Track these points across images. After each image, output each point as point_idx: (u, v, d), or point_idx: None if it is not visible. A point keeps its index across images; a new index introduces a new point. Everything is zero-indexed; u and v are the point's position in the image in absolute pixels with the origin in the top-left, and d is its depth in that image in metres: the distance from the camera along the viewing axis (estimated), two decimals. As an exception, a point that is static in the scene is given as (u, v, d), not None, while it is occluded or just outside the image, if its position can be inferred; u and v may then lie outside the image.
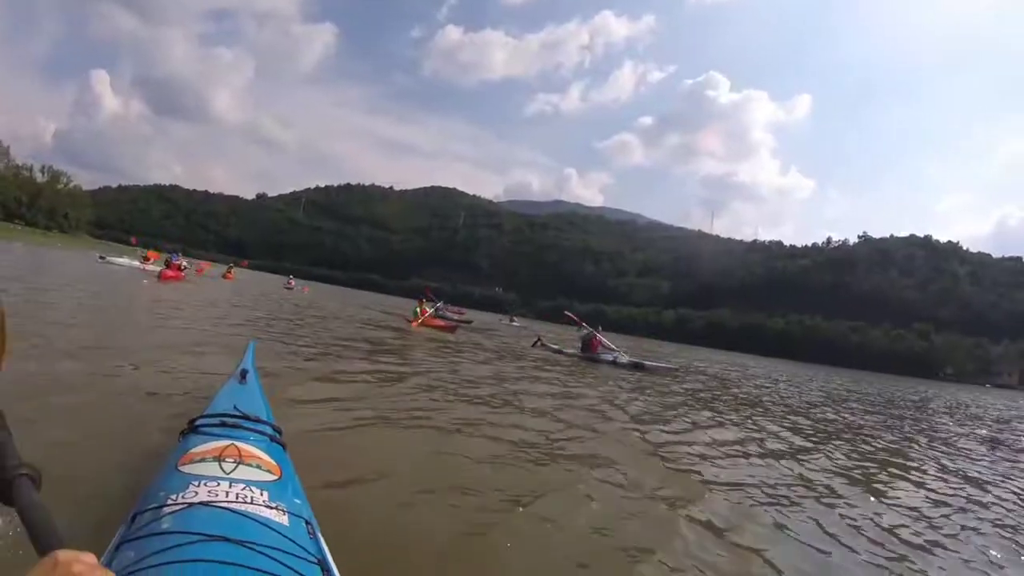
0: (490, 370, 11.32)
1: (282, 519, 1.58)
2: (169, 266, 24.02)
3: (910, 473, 6.82)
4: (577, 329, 19.29)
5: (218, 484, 1.65)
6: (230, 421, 2.25)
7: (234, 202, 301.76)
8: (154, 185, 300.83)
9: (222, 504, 1.54)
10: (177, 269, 24.08)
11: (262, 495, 1.65)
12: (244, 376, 3.29)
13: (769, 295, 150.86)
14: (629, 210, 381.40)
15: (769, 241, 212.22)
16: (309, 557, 1.47)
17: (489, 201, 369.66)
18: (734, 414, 9.91)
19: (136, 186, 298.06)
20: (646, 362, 16.53)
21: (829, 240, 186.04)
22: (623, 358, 16.42)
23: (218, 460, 1.82)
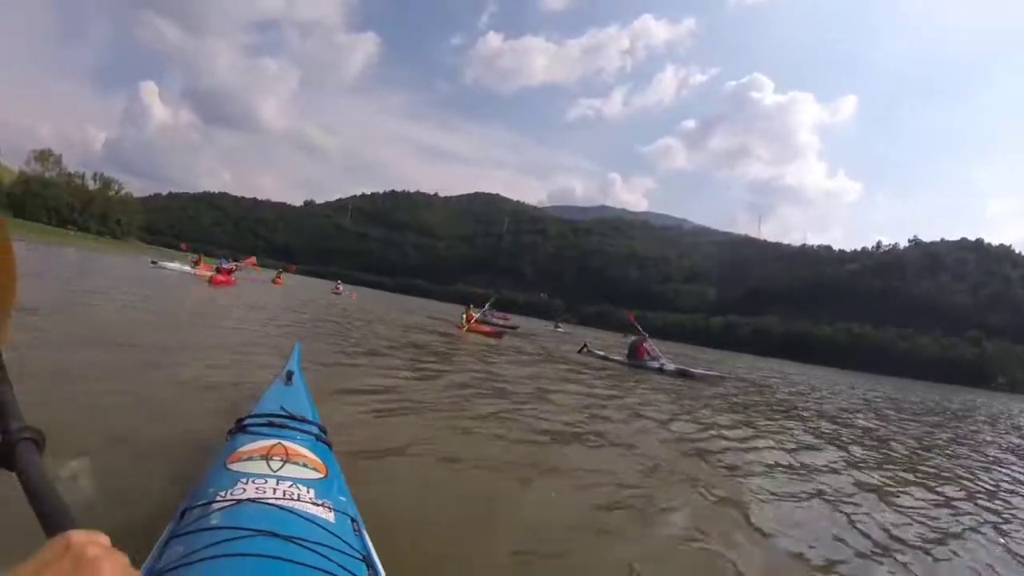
0: (533, 375, 11.18)
1: (328, 516, 1.62)
2: (220, 271, 24.25)
3: (929, 481, 6.53)
4: (624, 335, 18.80)
5: (266, 481, 1.70)
6: (277, 421, 2.32)
7: (282, 209, 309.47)
8: (203, 192, 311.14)
9: (270, 501, 1.58)
10: (227, 274, 24.26)
11: (308, 492, 1.69)
12: (290, 377, 3.29)
13: (817, 301, 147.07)
14: (675, 215, 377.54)
15: (818, 246, 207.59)
16: (354, 553, 1.51)
17: (533, 207, 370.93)
18: (772, 422, 9.60)
19: (186, 193, 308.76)
20: (692, 369, 16.28)
21: (879, 244, 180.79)
22: (669, 365, 16.21)
23: (266, 458, 1.87)
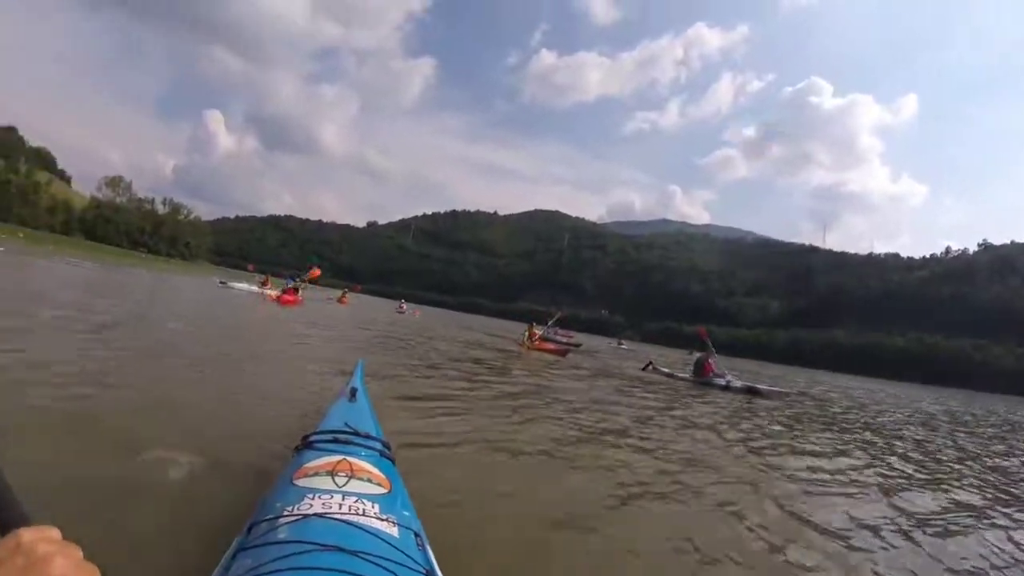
0: (599, 392, 11.04)
1: (392, 531, 1.65)
2: (287, 291, 24.51)
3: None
4: (689, 352, 18.18)
5: (331, 497, 1.74)
6: (342, 437, 2.36)
7: (346, 230, 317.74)
8: (270, 216, 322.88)
9: (335, 516, 1.63)
10: (294, 293, 24.50)
11: (373, 507, 1.73)
12: (354, 394, 3.29)
13: (886, 312, 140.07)
14: (737, 226, 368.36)
15: (885, 254, 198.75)
16: (418, 568, 1.53)
17: (592, 223, 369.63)
18: (840, 441, 9.12)
19: (253, 217, 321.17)
20: (759, 386, 15.92)
21: (947, 250, 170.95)
22: (736, 382, 15.90)
23: (331, 474, 1.91)
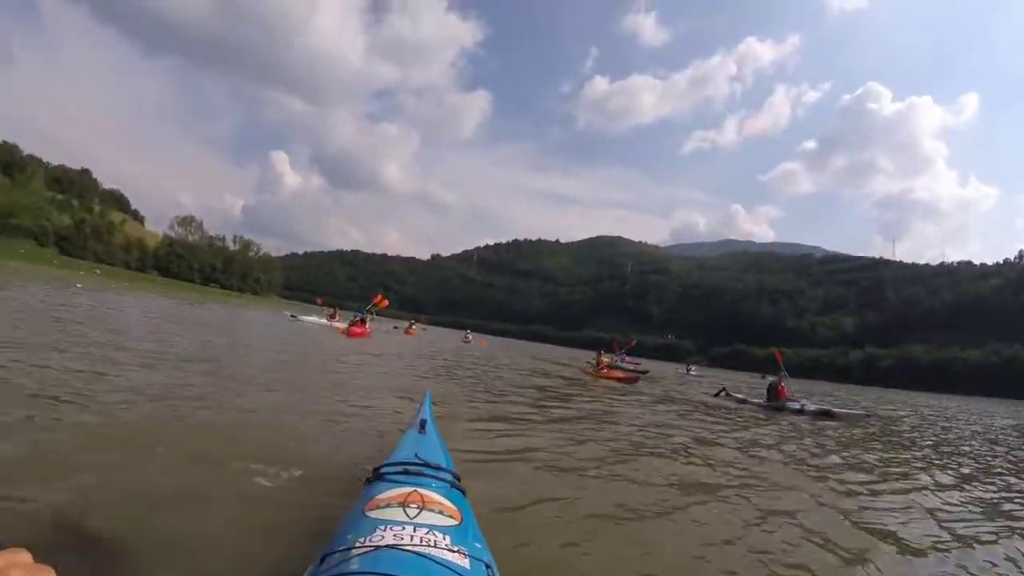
0: (671, 420, 10.75)
1: (464, 563, 1.64)
2: (355, 323, 24.95)
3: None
4: (762, 376, 17.60)
5: (403, 528, 1.74)
6: (412, 469, 2.37)
7: (410, 263, 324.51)
8: (336, 251, 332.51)
9: (407, 548, 1.62)
10: (362, 325, 24.91)
11: (444, 539, 1.72)
12: (423, 426, 3.32)
13: (961, 323, 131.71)
14: (804, 242, 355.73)
15: (957, 262, 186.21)
16: None
17: (655, 246, 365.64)
18: (912, 462, 8.76)
19: (321, 252, 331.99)
20: (834, 409, 15.50)
21: (1021, 254, 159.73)
22: (810, 406, 15.46)
23: (402, 506, 1.91)
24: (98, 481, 3.21)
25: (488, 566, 1.72)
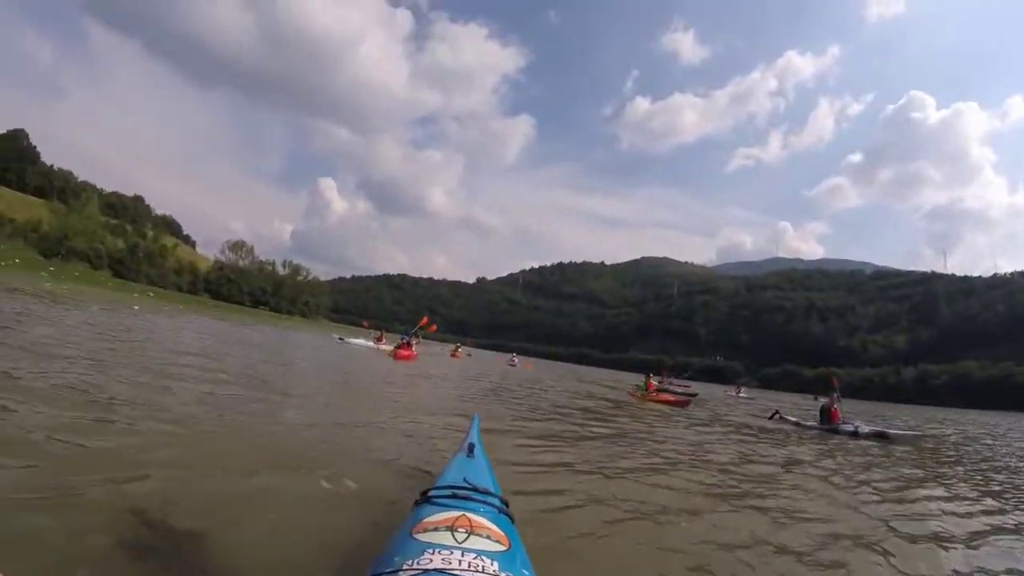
0: (725, 443, 10.46)
1: None
2: (402, 346, 25.31)
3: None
4: (815, 397, 17.17)
5: (451, 552, 1.73)
6: (461, 493, 2.36)
7: (457, 287, 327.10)
8: (383, 275, 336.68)
9: (455, 572, 1.62)
10: (408, 347, 25.26)
11: (492, 565, 1.71)
12: (471, 450, 3.28)
13: (1018, 336, 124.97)
14: (854, 258, 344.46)
15: (1012, 272, 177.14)
16: None
17: (702, 266, 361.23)
18: (970, 486, 8.17)
19: (368, 276, 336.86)
20: (889, 430, 15.04)
21: None
22: (864, 427, 15.05)
23: (451, 530, 1.91)
24: (172, 480, 3.55)
25: None
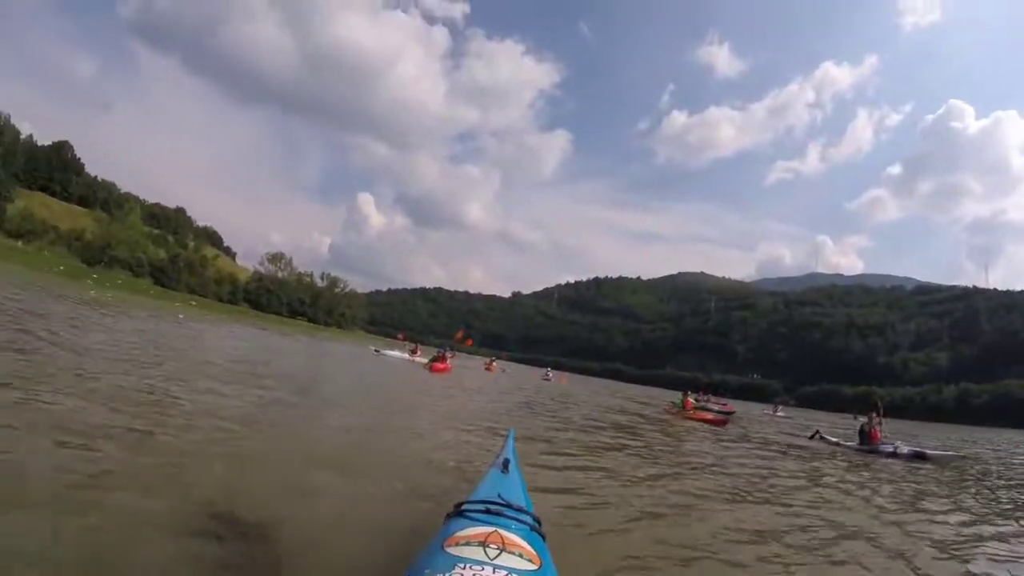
0: (762, 464, 10.27)
1: None
2: (437, 359, 25.67)
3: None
4: (854, 417, 17.03)
5: (482, 569, 1.72)
6: (494, 508, 2.34)
7: (492, 300, 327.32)
8: (420, 288, 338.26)
9: None
10: (443, 361, 25.61)
11: None
12: (506, 466, 3.31)
13: None
14: (894, 273, 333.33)
15: None
16: None
17: (740, 282, 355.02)
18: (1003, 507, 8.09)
19: (405, 289, 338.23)
20: (928, 451, 15.00)
21: None
22: (903, 448, 15.08)
23: (483, 545, 1.89)
24: (234, 472, 4.03)
25: None
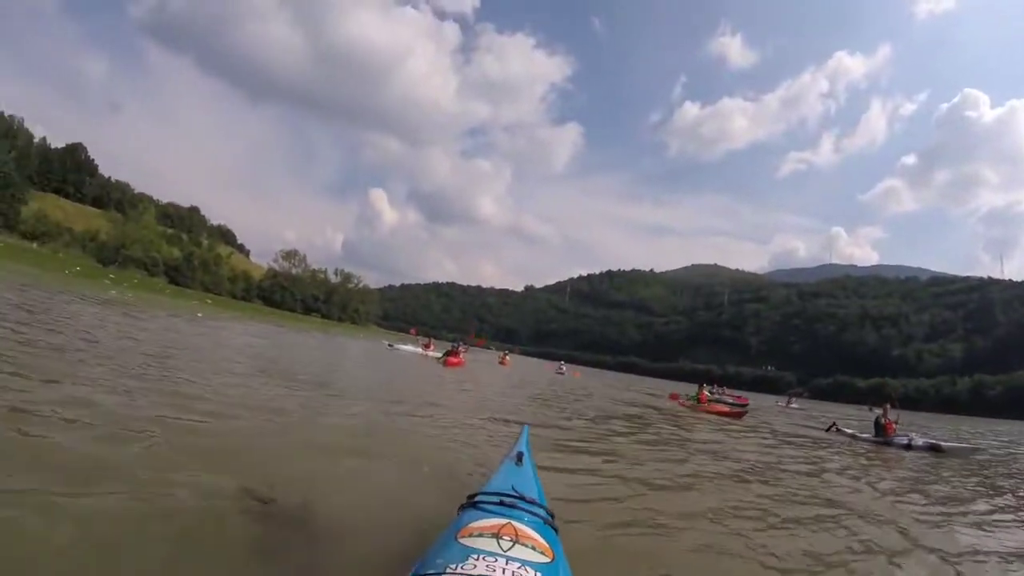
0: (780, 456, 10.33)
1: None
2: (451, 353, 25.96)
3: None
4: (870, 409, 17.00)
5: (495, 560, 1.73)
6: (507, 501, 2.36)
7: (504, 295, 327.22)
8: (433, 283, 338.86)
9: None
10: (457, 355, 25.87)
11: (535, 575, 1.72)
12: (520, 459, 3.36)
13: None
14: (909, 264, 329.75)
15: None
16: None
17: (753, 274, 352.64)
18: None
19: (418, 284, 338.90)
20: (943, 443, 14.83)
21: None
22: (918, 440, 14.99)
23: (496, 537, 1.90)
24: (272, 458, 4.31)
25: None
